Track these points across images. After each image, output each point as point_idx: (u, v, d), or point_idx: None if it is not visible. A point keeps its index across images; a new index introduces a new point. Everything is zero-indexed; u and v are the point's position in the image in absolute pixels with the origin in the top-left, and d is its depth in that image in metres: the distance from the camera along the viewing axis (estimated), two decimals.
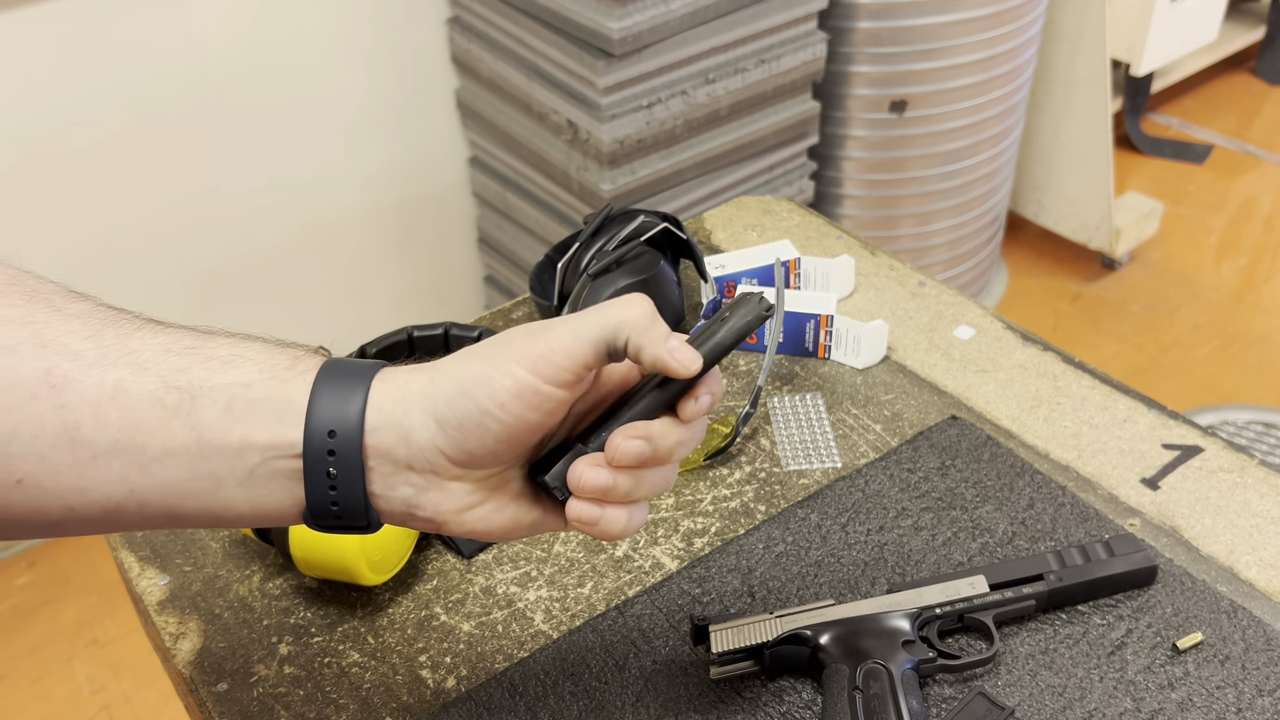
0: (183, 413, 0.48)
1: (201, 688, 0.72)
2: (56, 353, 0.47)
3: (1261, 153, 2.91)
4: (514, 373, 0.49)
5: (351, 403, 0.50)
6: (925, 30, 1.93)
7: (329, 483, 0.50)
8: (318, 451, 0.49)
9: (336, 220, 2.06)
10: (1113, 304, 2.46)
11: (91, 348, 0.48)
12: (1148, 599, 0.73)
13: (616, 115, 1.69)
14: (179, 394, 0.48)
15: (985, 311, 1.00)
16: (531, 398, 0.49)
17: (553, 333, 0.50)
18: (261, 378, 0.50)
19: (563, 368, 0.50)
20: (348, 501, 0.50)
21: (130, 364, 0.48)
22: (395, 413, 0.50)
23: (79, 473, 0.47)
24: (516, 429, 0.50)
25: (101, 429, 0.47)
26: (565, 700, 0.69)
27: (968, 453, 0.84)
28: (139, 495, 0.49)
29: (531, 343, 0.50)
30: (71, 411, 0.47)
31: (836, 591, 0.75)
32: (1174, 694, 0.68)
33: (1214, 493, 0.81)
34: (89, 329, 0.49)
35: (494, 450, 0.51)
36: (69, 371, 0.47)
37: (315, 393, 0.50)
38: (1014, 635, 0.72)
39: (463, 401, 0.50)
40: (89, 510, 0.49)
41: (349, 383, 0.50)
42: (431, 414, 0.50)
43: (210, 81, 1.79)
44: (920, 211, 2.15)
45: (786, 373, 0.94)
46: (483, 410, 0.49)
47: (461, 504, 0.52)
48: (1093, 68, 2.29)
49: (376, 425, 0.50)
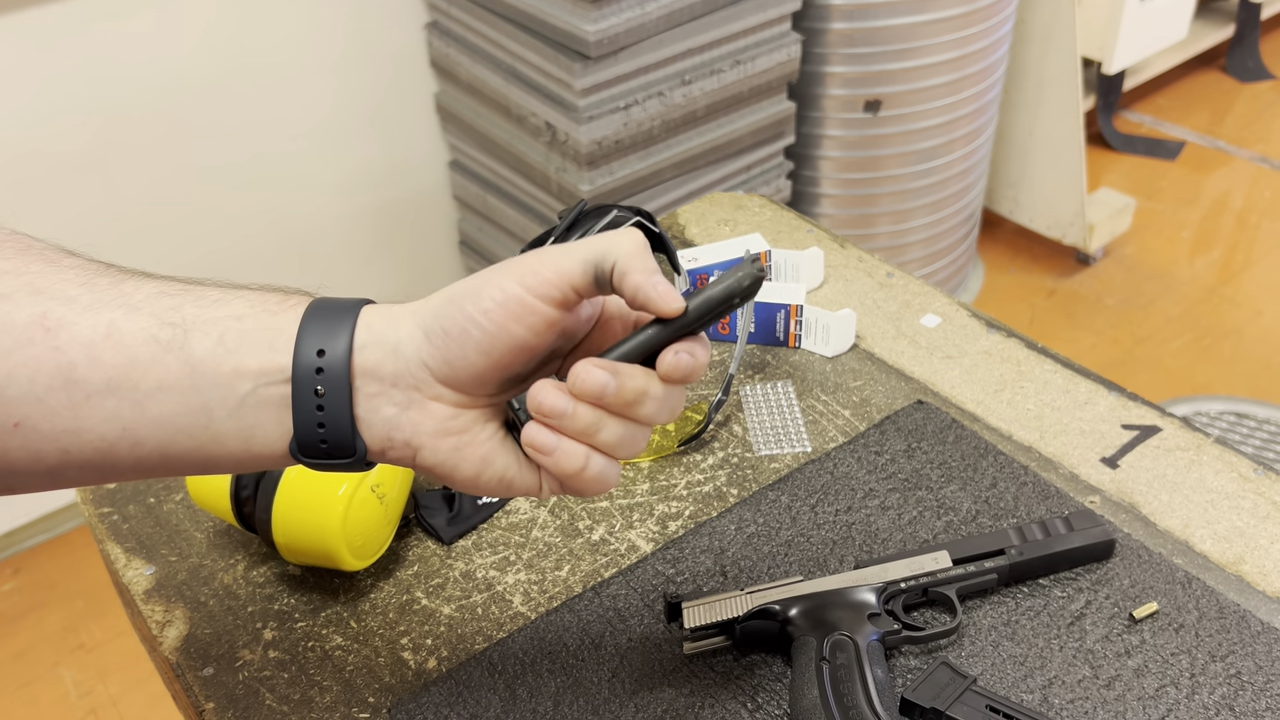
0: (175, 347, 0.49)
1: (188, 672, 0.74)
2: (50, 298, 0.49)
3: (1233, 149, 2.95)
4: (502, 284, 0.50)
5: (341, 325, 0.51)
6: (898, 30, 1.96)
7: (316, 402, 0.50)
8: (306, 371, 0.50)
9: (317, 225, 2.08)
10: (1088, 299, 2.50)
11: (85, 293, 0.49)
12: (1106, 571, 0.76)
13: (594, 117, 1.71)
14: (172, 329, 0.49)
15: (951, 300, 1.02)
16: (516, 307, 0.50)
17: (545, 252, 0.51)
18: (253, 311, 0.51)
19: (549, 281, 0.50)
20: (334, 425, 0.50)
21: (123, 305, 0.50)
22: (384, 329, 0.51)
23: (74, 413, 0.48)
24: (499, 340, 0.50)
25: (96, 368, 0.48)
26: (543, 678, 0.71)
27: (933, 435, 0.87)
28: (132, 433, 0.49)
29: (523, 259, 0.51)
30: (66, 353, 0.48)
31: (806, 569, 0.77)
32: (1131, 661, 0.70)
33: (1171, 470, 0.84)
34: (82, 278, 0.50)
35: (476, 363, 0.51)
36: (63, 315, 0.48)
37: (305, 320, 0.51)
38: (977, 608, 0.74)
39: (449, 309, 0.51)
40: (84, 453, 0.50)
41: (339, 311, 0.52)
42: (420, 326, 0.51)
43: (188, 87, 1.81)
44: (896, 209, 2.18)
45: (758, 362, 0.96)
46: (468, 317, 0.50)
47: (439, 427, 0.52)
48: (1064, 66, 2.33)
49: (365, 342, 0.51)
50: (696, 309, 0.51)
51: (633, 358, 0.52)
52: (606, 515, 0.83)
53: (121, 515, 0.86)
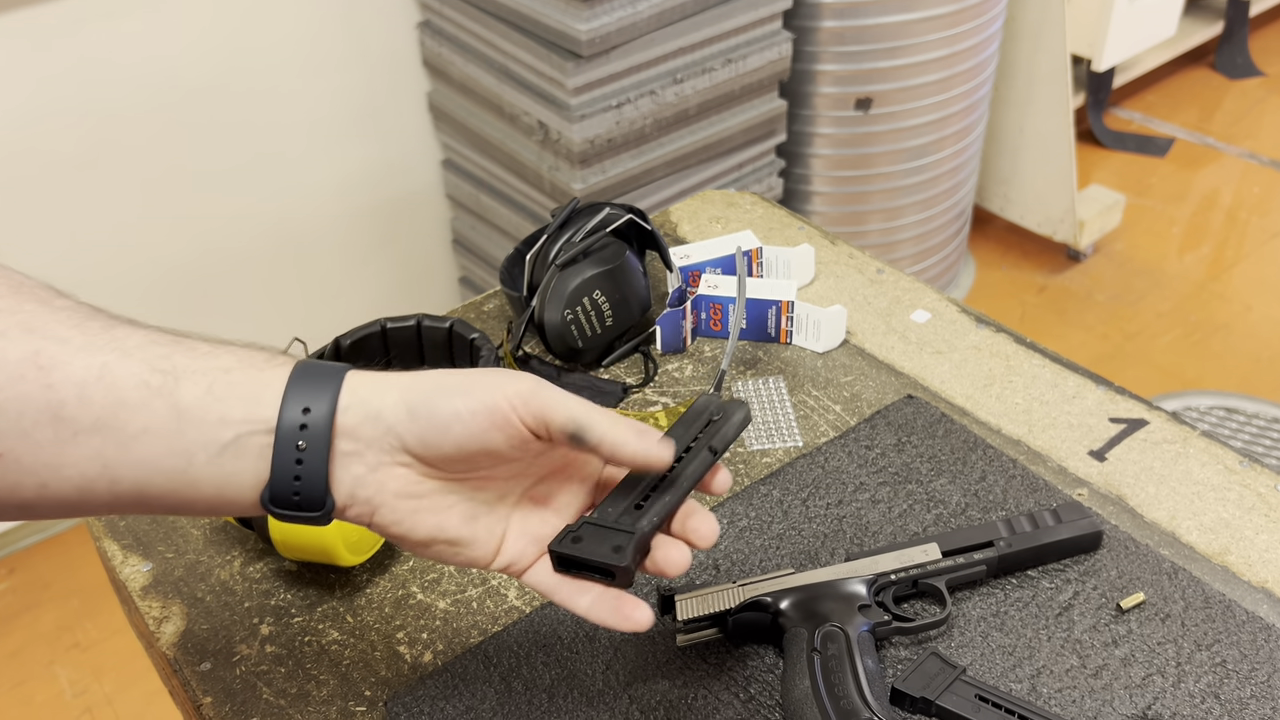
0: (165, 392, 0.51)
1: (185, 668, 0.75)
2: (43, 337, 0.50)
3: (1222, 145, 2.97)
4: (494, 398, 0.53)
5: (327, 385, 0.54)
6: (888, 29, 1.97)
7: (296, 456, 0.52)
8: (290, 425, 0.52)
9: (310, 224, 2.08)
10: (1078, 294, 2.51)
11: (78, 335, 0.51)
12: (1094, 563, 0.77)
13: (586, 115, 1.72)
14: (163, 376, 0.51)
15: (940, 296, 1.03)
16: (501, 422, 0.53)
17: (544, 386, 0.55)
18: (241, 365, 0.53)
19: (534, 414, 0.54)
20: (309, 479, 0.53)
21: (116, 350, 0.51)
22: (368, 395, 0.54)
23: (58, 449, 0.50)
24: (477, 439, 0.54)
25: (85, 407, 0.50)
26: (538, 670, 0.72)
27: (923, 429, 0.88)
28: (112, 472, 0.51)
29: (522, 380, 0.55)
30: (58, 391, 0.50)
31: (797, 562, 0.78)
32: (1118, 651, 0.71)
33: (1158, 463, 0.85)
34: (74, 320, 0.52)
35: (449, 453, 0.54)
36: (56, 354, 0.50)
37: (293, 378, 0.54)
38: (966, 599, 0.75)
39: (438, 398, 0.54)
40: (62, 488, 0.51)
41: (325, 373, 0.54)
42: (405, 401, 0.54)
43: (181, 88, 1.81)
44: (888, 207, 2.19)
45: (750, 357, 0.97)
46: (453, 412, 0.53)
47: (403, 489, 0.55)
48: (1054, 63, 2.34)
49: (348, 404, 0.53)
50: (721, 447, 0.60)
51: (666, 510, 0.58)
52: None
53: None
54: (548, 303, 0.93)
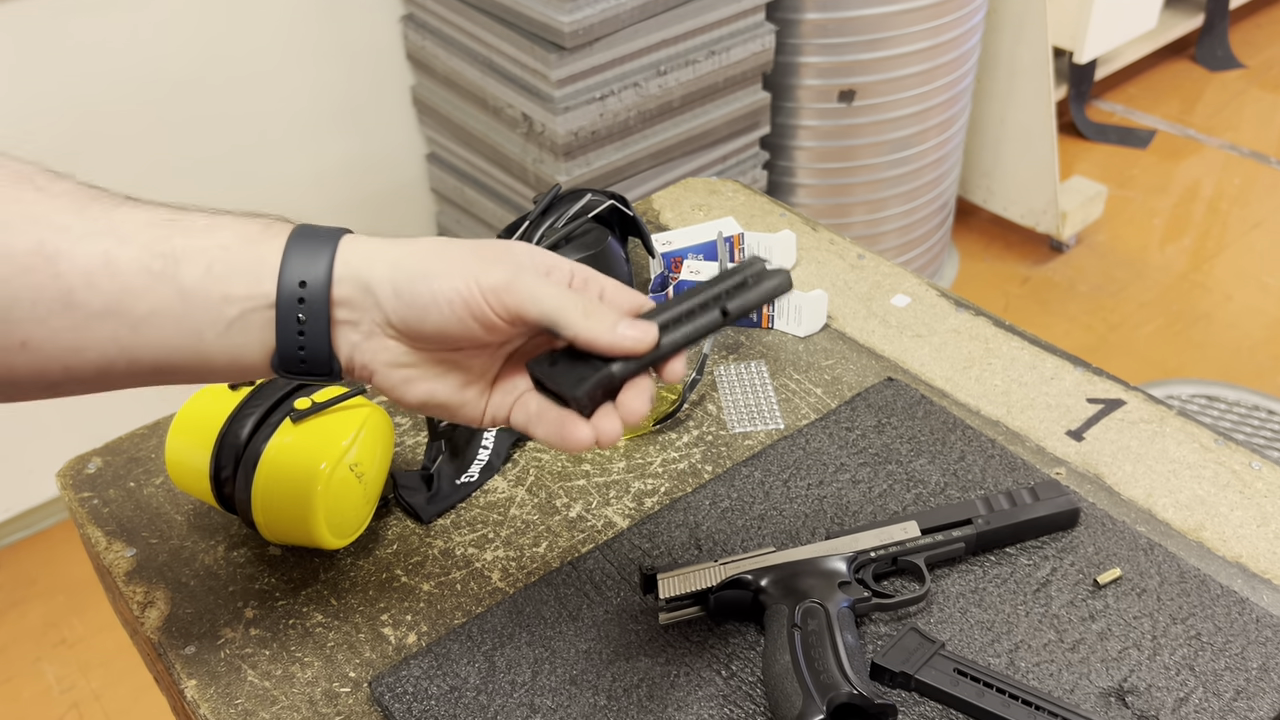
0: (167, 276, 0.53)
1: (169, 651, 0.75)
2: (46, 227, 0.52)
3: (1203, 137, 2.99)
4: (471, 287, 0.54)
5: (320, 257, 0.55)
6: (871, 20, 1.98)
7: (298, 328, 0.55)
8: (289, 299, 0.54)
9: (295, 218, 2.08)
10: (1061, 285, 2.53)
11: (78, 221, 0.53)
12: (1071, 540, 0.78)
13: (570, 108, 1.72)
14: (163, 260, 0.53)
15: (920, 280, 1.04)
16: (478, 312, 0.55)
17: (521, 275, 0.55)
18: (238, 241, 0.55)
19: (508, 307, 0.55)
20: (314, 347, 0.55)
21: (115, 235, 0.53)
22: (360, 266, 0.56)
23: (75, 335, 0.53)
24: (453, 327, 0.55)
25: (94, 294, 0.52)
26: (521, 649, 0.72)
27: (903, 411, 0.89)
28: (129, 353, 0.54)
29: (500, 272, 0.55)
30: (66, 279, 0.52)
31: (778, 541, 0.79)
32: (1095, 625, 0.72)
33: (1134, 442, 0.86)
34: (74, 205, 0.54)
35: (429, 334, 0.56)
36: (59, 244, 0.52)
37: (288, 250, 0.55)
38: (945, 576, 0.76)
39: (420, 285, 0.55)
40: (84, 370, 0.54)
41: (318, 242, 0.56)
42: (391, 282, 0.55)
43: (164, 82, 1.81)
44: (871, 199, 2.20)
45: (732, 342, 0.98)
46: (433, 299, 0.55)
47: (394, 359, 0.57)
48: (1035, 56, 2.36)
49: (341, 277, 0.55)
50: (735, 312, 0.58)
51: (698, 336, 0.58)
52: (583, 493, 0.85)
53: (101, 499, 0.87)
54: None
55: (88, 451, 0.91)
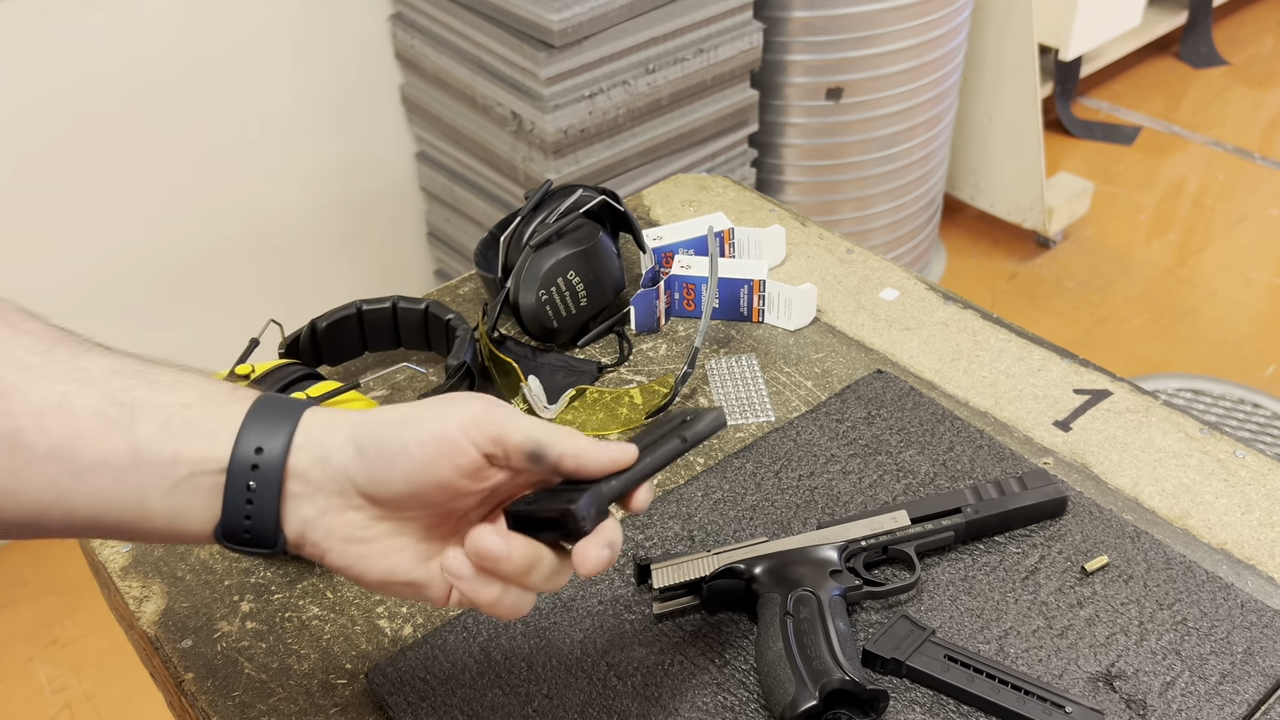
0: (123, 425, 0.51)
1: (166, 645, 0.76)
2: (6, 363, 0.51)
3: (1187, 133, 3.01)
4: (442, 421, 0.53)
5: (283, 425, 0.53)
6: (858, 18, 1.99)
7: (247, 496, 0.52)
8: (242, 465, 0.52)
9: (285, 218, 2.08)
10: (1048, 281, 2.54)
11: (41, 362, 0.51)
12: (1059, 528, 0.79)
13: (560, 106, 1.73)
14: (121, 409, 0.52)
15: (909, 274, 1.05)
16: (451, 449, 0.52)
17: (497, 406, 0.54)
18: (201, 400, 0.53)
19: (489, 436, 0.53)
20: (261, 519, 0.53)
21: (77, 379, 0.52)
22: (320, 435, 0.54)
23: (13, 475, 0.50)
24: (426, 472, 0.53)
25: (42, 435, 0.50)
26: (517, 640, 0.73)
27: (892, 403, 0.90)
28: (66, 501, 0.51)
29: (470, 404, 0.54)
30: (15, 418, 0.50)
31: (770, 531, 0.79)
32: (1083, 611, 0.73)
33: (1121, 432, 0.87)
34: (40, 346, 0.52)
35: (398, 489, 0.53)
36: (17, 381, 0.50)
37: (250, 415, 0.53)
38: (935, 565, 0.77)
39: (386, 433, 0.53)
40: (15, 513, 0.51)
41: (283, 410, 0.54)
42: (353, 441, 0.53)
43: (152, 82, 1.81)
44: (859, 196, 2.21)
45: (722, 336, 0.99)
46: (401, 444, 0.52)
47: (351, 534, 0.54)
48: (1021, 53, 2.37)
49: (300, 444, 0.53)
50: (693, 440, 0.59)
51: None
52: None
53: None
54: (522, 284, 0.94)
55: None
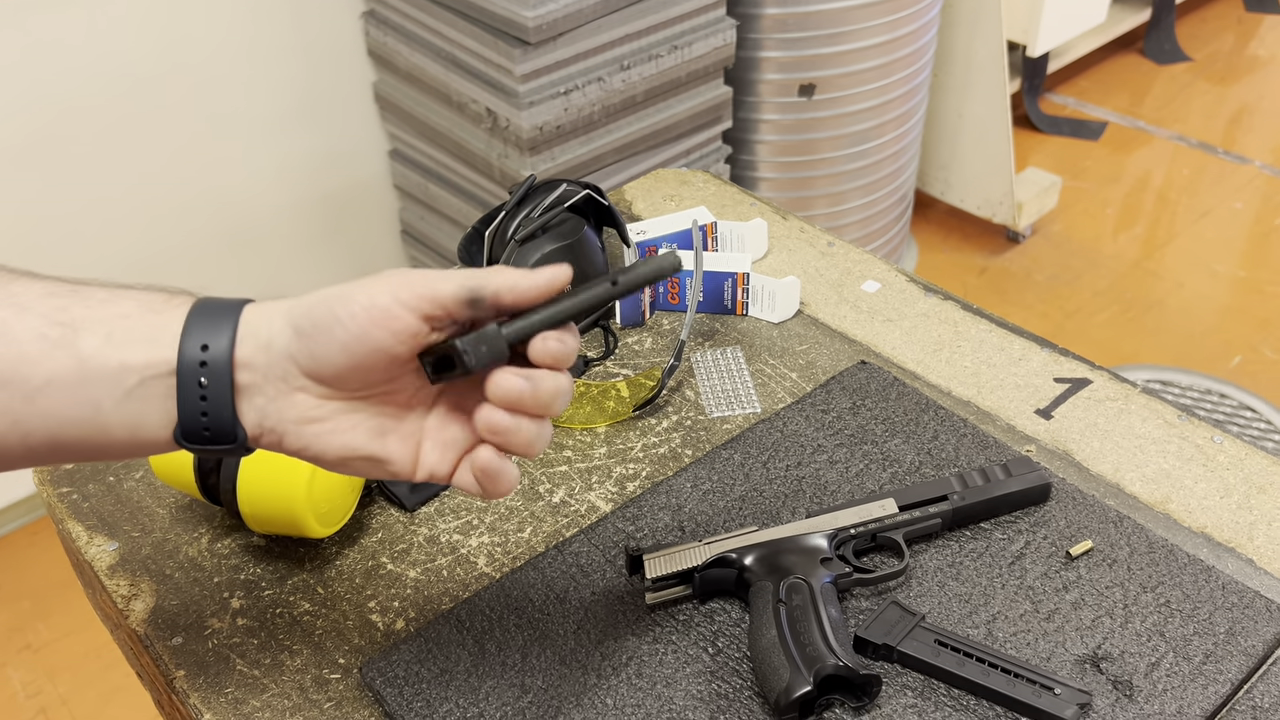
0: (65, 344, 0.52)
1: (157, 643, 0.75)
2: None
3: (1152, 128, 3.05)
4: (372, 290, 0.53)
5: (224, 321, 0.54)
6: (829, 15, 2.00)
7: (200, 393, 0.53)
8: (190, 364, 0.53)
9: (257, 216, 2.07)
10: (1018, 275, 2.57)
11: None
12: (1043, 514, 0.80)
13: (535, 102, 1.73)
14: (61, 328, 0.52)
15: (890, 267, 1.06)
16: (380, 314, 0.52)
17: (423, 270, 0.54)
18: (139, 310, 0.54)
19: (419, 295, 0.53)
20: (217, 414, 0.53)
21: (12, 305, 0.52)
22: (259, 324, 0.54)
23: None
24: (362, 342, 0.53)
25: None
26: (510, 632, 0.73)
27: (876, 393, 0.90)
28: (23, 425, 0.52)
29: (400, 272, 0.54)
30: None
31: (760, 521, 0.80)
32: (1068, 595, 0.74)
33: (1101, 419, 0.89)
34: None
35: (338, 362, 0.53)
36: None
37: (190, 317, 0.54)
38: (923, 551, 0.78)
39: (320, 309, 0.53)
40: None
41: (222, 309, 0.55)
42: (290, 323, 0.54)
43: (125, 78, 1.79)
44: (832, 191, 2.23)
45: (708, 329, 0.99)
46: (335, 317, 0.53)
47: (302, 415, 0.55)
48: (990, 50, 2.39)
49: (243, 336, 0.54)
50: (625, 284, 0.55)
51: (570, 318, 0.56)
52: (566, 478, 0.86)
53: (81, 494, 0.86)
54: None
55: None
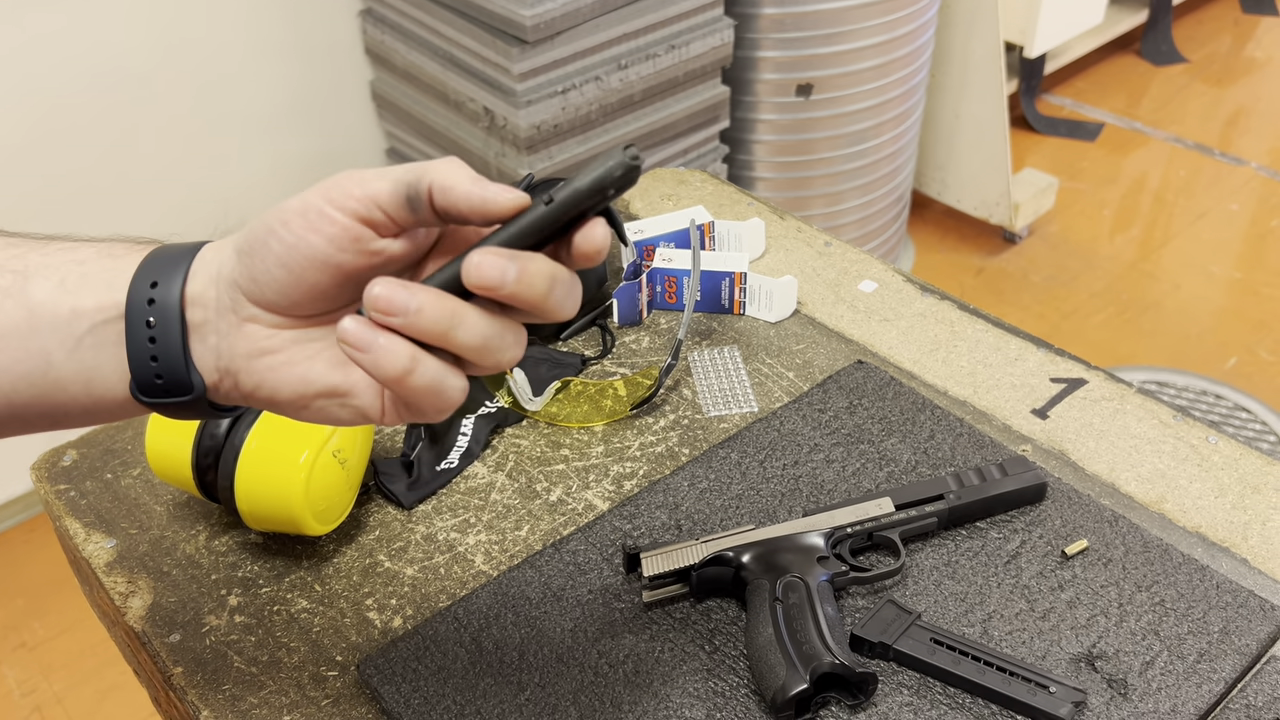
0: (15, 292, 0.49)
1: (154, 640, 0.75)
2: None
3: (1149, 129, 3.06)
4: (305, 196, 0.48)
5: (179, 261, 0.50)
6: (827, 15, 2.00)
7: (148, 334, 0.49)
8: (138, 304, 0.49)
9: (254, 214, 2.06)
10: (1014, 276, 2.58)
11: None
12: (1039, 513, 0.80)
13: (532, 101, 1.73)
14: (12, 276, 0.49)
15: (886, 267, 1.06)
16: (315, 217, 0.47)
17: (364, 169, 0.49)
18: (96, 256, 0.50)
19: (352, 195, 0.47)
20: (168, 359, 0.49)
21: None
22: (212, 256, 0.50)
23: None
24: (298, 251, 0.48)
25: None
26: (508, 630, 0.73)
27: (873, 393, 0.91)
28: None
29: (334, 176, 0.49)
30: None
31: (757, 520, 0.80)
32: (1064, 594, 0.75)
33: (1097, 419, 0.89)
34: None
35: (279, 277, 0.48)
36: None
37: (146, 260, 0.50)
38: (919, 550, 0.78)
39: (257, 225, 0.49)
40: None
41: (180, 251, 0.51)
42: (235, 246, 0.50)
43: (121, 76, 1.79)
44: (829, 191, 2.23)
45: (705, 328, 1.00)
46: (268, 229, 0.48)
47: (254, 348, 0.50)
48: (987, 50, 2.40)
49: (195, 271, 0.50)
50: (562, 201, 0.46)
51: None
52: (563, 477, 0.86)
53: (79, 491, 0.86)
54: None
55: (62, 444, 0.91)
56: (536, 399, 0.90)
